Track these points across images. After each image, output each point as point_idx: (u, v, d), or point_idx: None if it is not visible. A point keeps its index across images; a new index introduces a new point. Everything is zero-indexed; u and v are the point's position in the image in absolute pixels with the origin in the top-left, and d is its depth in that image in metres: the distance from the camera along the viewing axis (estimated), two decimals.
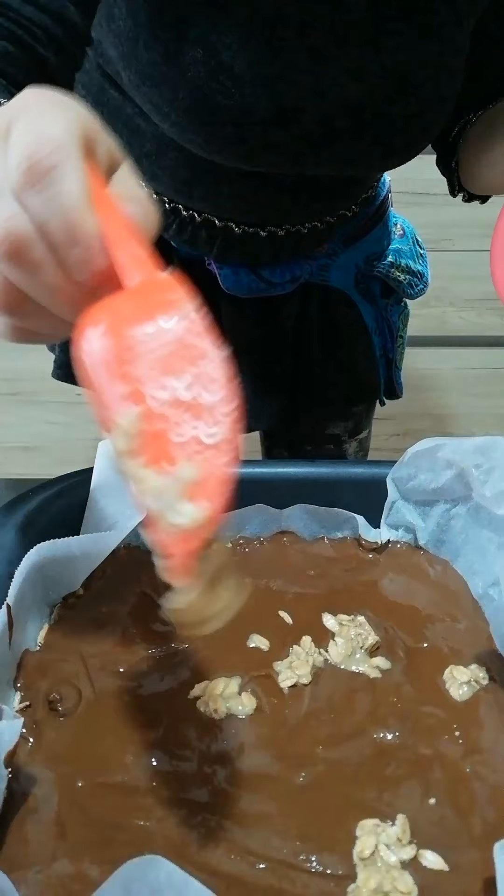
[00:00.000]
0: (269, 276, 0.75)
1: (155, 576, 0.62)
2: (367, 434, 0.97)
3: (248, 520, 0.66)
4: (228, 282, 0.74)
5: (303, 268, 0.76)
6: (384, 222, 0.82)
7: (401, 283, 0.82)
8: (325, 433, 0.92)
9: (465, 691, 0.53)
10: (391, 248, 0.82)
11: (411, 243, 0.85)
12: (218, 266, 0.74)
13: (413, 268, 0.83)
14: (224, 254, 0.73)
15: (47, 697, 0.51)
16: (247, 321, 0.77)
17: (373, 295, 0.82)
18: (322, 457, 0.92)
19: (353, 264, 0.79)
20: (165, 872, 0.35)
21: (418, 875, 0.42)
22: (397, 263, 0.82)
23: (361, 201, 0.77)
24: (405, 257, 0.83)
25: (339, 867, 0.43)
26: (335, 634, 0.58)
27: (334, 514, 0.66)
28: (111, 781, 0.47)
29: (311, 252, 0.76)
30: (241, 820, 0.45)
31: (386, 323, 0.84)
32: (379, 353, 0.85)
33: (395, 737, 0.50)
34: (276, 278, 0.76)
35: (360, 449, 0.96)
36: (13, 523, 0.59)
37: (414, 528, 0.66)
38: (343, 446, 0.93)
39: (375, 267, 0.80)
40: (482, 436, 0.61)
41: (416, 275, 0.84)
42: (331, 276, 0.79)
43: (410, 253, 0.84)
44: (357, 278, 0.80)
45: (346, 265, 0.79)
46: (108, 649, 0.56)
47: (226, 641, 0.57)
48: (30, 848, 0.43)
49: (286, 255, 0.75)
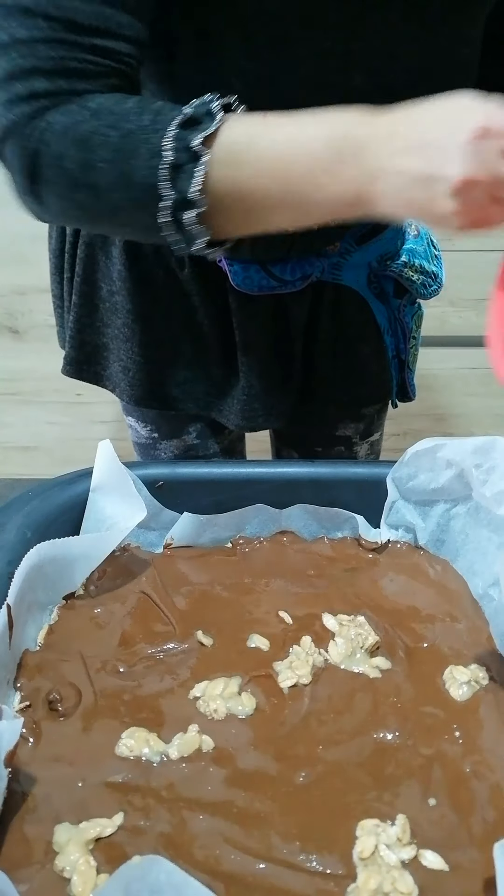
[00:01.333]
0: (279, 273, 0.75)
1: (155, 576, 0.63)
2: (379, 437, 0.96)
3: (248, 520, 0.66)
4: (238, 279, 0.74)
5: (314, 266, 0.76)
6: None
7: (414, 283, 0.82)
8: (335, 434, 0.91)
9: (465, 691, 0.53)
10: (405, 248, 0.82)
11: (426, 244, 0.84)
12: (228, 263, 0.74)
13: (427, 268, 0.83)
14: (234, 249, 0.72)
15: (47, 697, 0.51)
16: (257, 319, 0.77)
17: (386, 295, 0.82)
18: (331, 458, 0.92)
19: (367, 263, 0.79)
20: (165, 872, 0.35)
21: (418, 875, 0.42)
22: (411, 263, 0.81)
23: None
24: (419, 257, 0.82)
25: (339, 867, 0.43)
26: (335, 634, 0.58)
27: (334, 514, 0.66)
28: (111, 781, 0.47)
29: (321, 250, 0.76)
30: (241, 820, 0.45)
31: (399, 323, 0.84)
32: (391, 354, 0.84)
33: (395, 737, 0.50)
34: (287, 276, 0.75)
35: (372, 452, 0.95)
36: (13, 523, 0.59)
37: (414, 528, 0.66)
38: (354, 448, 0.92)
39: (389, 266, 0.80)
40: (482, 436, 0.61)
41: (430, 275, 0.83)
42: (343, 275, 0.78)
43: (425, 253, 0.83)
44: (370, 278, 0.80)
45: (359, 264, 0.79)
46: (108, 649, 0.56)
47: (226, 641, 0.57)
48: (30, 848, 0.43)
49: (297, 253, 0.74)
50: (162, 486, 0.66)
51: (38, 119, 0.50)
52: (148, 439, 0.90)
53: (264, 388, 0.80)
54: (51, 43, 0.50)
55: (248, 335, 0.77)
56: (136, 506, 0.61)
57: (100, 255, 0.78)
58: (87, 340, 0.83)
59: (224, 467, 0.68)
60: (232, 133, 0.50)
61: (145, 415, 0.88)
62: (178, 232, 0.52)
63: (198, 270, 0.76)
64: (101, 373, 0.85)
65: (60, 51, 0.50)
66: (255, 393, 0.79)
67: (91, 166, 0.50)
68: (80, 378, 0.85)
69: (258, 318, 0.77)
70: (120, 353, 0.81)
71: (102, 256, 0.78)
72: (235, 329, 0.77)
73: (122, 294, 0.78)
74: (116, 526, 0.61)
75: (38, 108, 0.50)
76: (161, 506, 0.65)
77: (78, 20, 0.50)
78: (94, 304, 0.81)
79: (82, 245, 0.78)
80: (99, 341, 0.83)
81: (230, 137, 0.50)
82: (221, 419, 0.83)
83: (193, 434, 0.88)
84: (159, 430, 0.88)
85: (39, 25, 0.49)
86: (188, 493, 0.66)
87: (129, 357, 0.80)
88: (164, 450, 0.90)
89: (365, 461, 0.93)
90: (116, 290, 0.78)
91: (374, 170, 0.48)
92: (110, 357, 0.83)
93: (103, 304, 0.80)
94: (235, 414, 0.81)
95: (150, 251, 0.76)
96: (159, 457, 0.90)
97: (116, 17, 0.51)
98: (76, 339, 0.83)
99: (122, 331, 0.79)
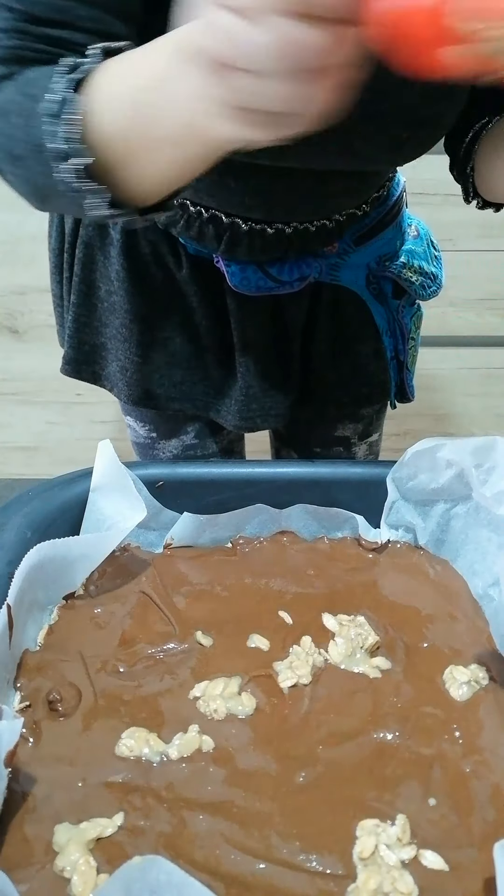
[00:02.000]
0: (277, 273, 0.75)
1: (155, 576, 0.63)
2: (378, 438, 0.96)
3: (248, 520, 0.66)
4: (236, 279, 0.74)
5: (312, 266, 0.76)
6: (397, 223, 0.81)
7: (413, 285, 0.82)
8: (334, 435, 0.91)
9: (465, 691, 0.53)
10: (404, 249, 0.81)
11: (426, 245, 0.84)
12: (226, 263, 0.74)
13: (426, 269, 0.83)
14: (231, 250, 0.73)
15: (47, 697, 0.51)
16: (255, 320, 0.77)
17: (385, 296, 0.82)
18: (329, 458, 0.92)
19: (365, 264, 0.79)
20: (165, 872, 0.35)
21: (418, 875, 0.42)
22: (410, 264, 0.81)
23: (372, 201, 0.77)
24: (418, 258, 0.82)
25: (339, 867, 0.43)
26: (335, 634, 0.58)
27: (334, 514, 0.66)
28: (111, 781, 0.47)
29: (319, 251, 0.76)
30: (241, 820, 0.45)
31: (398, 324, 0.84)
32: (390, 355, 0.84)
33: (395, 737, 0.50)
34: (285, 277, 0.75)
35: (371, 452, 0.95)
36: (13, 523, 0.59)
37: (414, 528, 0.66)
38: (352, 449, 0.92)
39: (388, 267, 0.80)
40: (482, 436, 0.61)
41: (430, 276, 0.83)
42: (342, 276, 0.78)
43: (424, 254, 0.83)
44: (369, 279, 0.80)
45: (357, 265, 0.79)
46: (108, 649, 0.56)
47: (226, 641, 0.57)
48: (30, 848, 0.43)
49: (294, 253, 0.74)
50: (162, 486, 0.66)
51: None
52: (146, 439, 0.90)
53: (262, 389, 0.80)
54: (9, 32, 0.52)
55: (246, 336, 0.77)
56: (136, 506, 0.61)
57: (98, 255, 0.78)
58: (85, 340, 0.83)
59: (224, 467, 0.68)
60: (105, 76, 0.48)
61: (144, 415, 0.88)
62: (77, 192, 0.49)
63: (196, 271, 0.76)
64: (100, 373, 0.85)
65: (16, 40, 0.52)
66: (253, 394, 0.79)
67: (10, 136, 0.51)
68: (78, 378, 0.86)
69: (256, 319, 0.77)
70: (118, 353, 0.81)
71: (101, 256, 0.78)
72: (233, 330, 0.77)
73: (120, 294, 0.78)
74: (116, 526, 0.61)
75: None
76: (161, 506, 0.65)
77: (36, 12, 0.52)
78: (93, 303, 0.81)
79: (81, 245, 0.78)
80: (97, 341, 0.83)
81: (104, 79, 0.48)
82: (219, 420, 0.83)
83: (192, 434, 0.88)
84: (158, 430, 0.88)
85: (4, 16, 0.52)
86: (188, 493, 0.66)
87: (127, 357, 0.80)
88: (163, 450, 0.90)
89: (365, 461, 0.93)
90: (114, 291, 0.78)
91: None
92: (108, 357, 0.83)
93: (101, 304, 0.80)
94: (233, 415, 0.81)
95: (148, 252, 0.76)
96: (158, 457, 0.90)
97: (75, 10, 0.52)
98: (75, 338, 0.83)
99: (120, 331, 0.79)
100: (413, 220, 0.85)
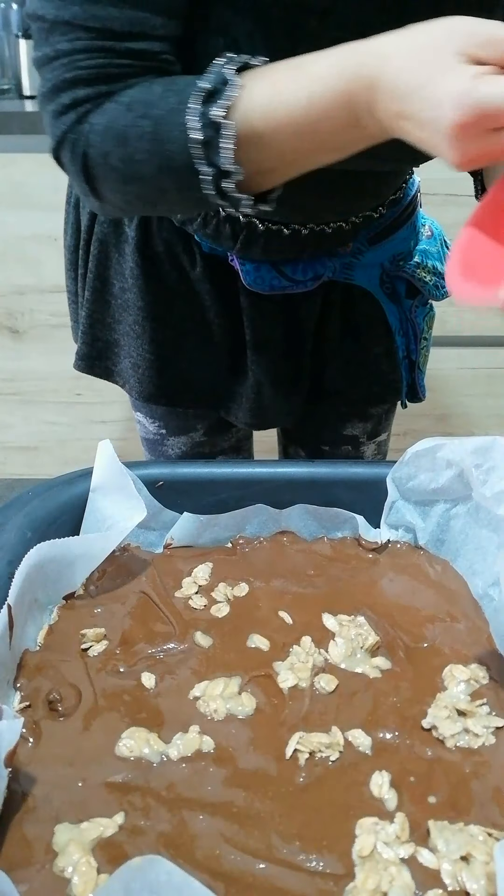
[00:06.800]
0: (291, 273, 0.75)
1: (155, 576, 0.63)
2: (387, 438, 0.96)
3: (248, 520, 0.66)
4: (250, 278, 0.74)
5: (326, 266, 0.76)
6: (412, 223, 0.81)
7: (426, 285, 0.82)
8: (342, 434, 0.91)
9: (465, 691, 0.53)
10: (418, 249, 0.81)
11: (439, 245, 0.84)
12: (240, 262, 0.74)
13: (440, 269, 0.83)
14: (246, 249, 0.73)
15: (47, 697, 0.51)
16: (267, 318, 0.77)
17: (398, 295, 0.82)
18: (338, 458, 0.92)
19: (379, 264, 0.79)
20: (165, 872, 0.35)
21: (417, 873, 0.42)
22: (423, 264, 0.81)
23: (388, 202, 0.77)
24: (432, 258, 0.82)
25: (339, 866, 0.42)
26: (335, 634, 0.58)
27: (334, 514, 0.66)
28: (111, 781, 0.47)
29: (334, 251, 0.76)
30: (241, 820, 0.45)
31: (410, 324, 0.84)
32: (402, 355, 0.84)
33: (394, 737, 0.50)
34: (299, 276, 0.75)
35: (379, 452, 0.95)
36: (13, 523, 0.59)
37: (414, 528, 0.66)
38: (361, 448, 0.92)
39: (401, 267, 0.80)
40: (482, 436, 0.61)
41: (443, 276, 0.83)
42: (355, 275, 0.78)
43: (438, 254, 0.83)
44: (382, 278, 0.80)
45: (371, 264, 0.79)
46: (109, 649, 0.56)
47: (226, 641, 0.57)
48: (30, 848, 0.43)
49: (309, 253, 0.74)
50: (162, 486, 0.66)
51: (83, 123, 0.54)
52: (156, 435, 0.90)
53: (274, 387, 0.80)
54: (90, 52, 0.53)
55: (258, 334, 0.77)
56: (136, 506, 0.61)
57: (113, 252, 0.78)
58: (98, 336, 0.83)
59: (224, 467, 0.68)
60: (252, 100, 0.51)
61: (153, 411, 0.88)
62: (225, 199, 0.54)
63: (209, 269, 0.76)
64: (112, 368, 0.85)
65: (99, 59, 0.53)
66: (264, 391, 0.80)
67: (133, 159, 0.53)
68: (91, 373, 0.86)
69: (269, 318, 0.77)
70: (130, 349, 0.81)
71: (115, 254, 0.78)
72: (246, 328, 0.77)
73: (134, 291, 0.78)
74: (116, 526, 0.61)
75: (83, 113, 0.54)
76: (161, 506, 0.65)
77: (114, 28, 0.53)
78: (106, 300, 0.81)
79: (95, 242, 0.79)
80: (110, 337, 0.83)
81: (251, 104, 0.51)
82: (230, 417, 0.83)
83: (201, 431, 0.88)
84: (167, 426, 0.88)
85: (80, 37, 0.53)
86: (188, 493, 0.66)
87: (140, 354, 0.80)
88: (172, 446, 0.90)
89: (365, 461, 0.92)
90: (128, 288, 0.78)
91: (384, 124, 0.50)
92: (121, 353, 0.83)
93: (115, 301, 0.81)
94: (244, 412, 0.81)
95: (162, 250, 0.76)
96: (167, 453, 0.90)
97: (150, 21, 0.54)
98: (88, 334, 0.83)
99: (133, 328, 0.80)
100: (427, 220, 0.85)
